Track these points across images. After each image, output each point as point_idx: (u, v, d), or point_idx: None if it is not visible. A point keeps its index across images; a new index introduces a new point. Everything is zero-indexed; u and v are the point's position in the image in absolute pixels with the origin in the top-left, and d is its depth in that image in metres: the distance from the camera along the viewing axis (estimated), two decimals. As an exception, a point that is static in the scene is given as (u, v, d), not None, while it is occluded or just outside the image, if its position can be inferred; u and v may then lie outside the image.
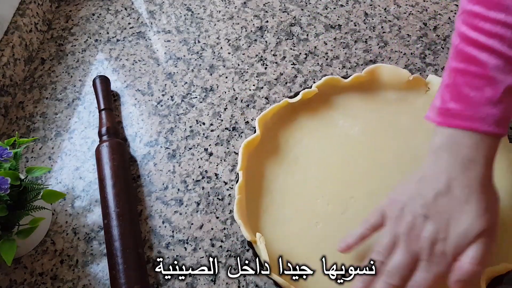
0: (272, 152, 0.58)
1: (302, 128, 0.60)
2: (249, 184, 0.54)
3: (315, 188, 0.55)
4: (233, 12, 0.76)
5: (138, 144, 0.62)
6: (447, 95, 0.45)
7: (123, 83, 0.69)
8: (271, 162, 0.57)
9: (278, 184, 0.56)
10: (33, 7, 0.74)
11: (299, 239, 0.52)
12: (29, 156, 0.63)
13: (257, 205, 0.54)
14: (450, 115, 0.44)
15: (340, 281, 0.49)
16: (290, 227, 0.53)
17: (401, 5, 0.73)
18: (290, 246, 0.51)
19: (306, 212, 0.53)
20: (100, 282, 0.51)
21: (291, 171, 0.57)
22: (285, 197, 0.55)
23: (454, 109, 0.44)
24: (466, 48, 0.44)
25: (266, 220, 0.54)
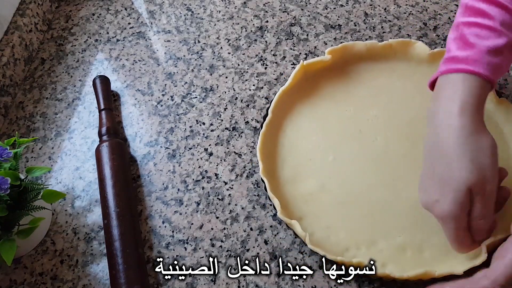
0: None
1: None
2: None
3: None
4: (233, 12, 0.76)
5: (138, 144, 0.62)
6: (454, 46, 0.47)
7: (123, 83, 0.69)
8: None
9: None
10: (33, 7, 0.74)
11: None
12: (29, 156, 0.63)
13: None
14: (456, 61, 0.46)
15: (340, 281, 0.49)
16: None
17: (401, 5, 0.73)
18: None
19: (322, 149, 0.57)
20: (100, 282, 0.51)
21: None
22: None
23: (460, 55, 0.46)
24: (476, 4, 0.47)
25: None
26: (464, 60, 0.45)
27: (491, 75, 0.45)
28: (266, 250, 0.52)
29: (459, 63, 0.45)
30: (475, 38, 0.46)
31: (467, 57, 0.45)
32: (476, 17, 0.46)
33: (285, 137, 0.59)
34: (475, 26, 0.46)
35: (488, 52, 0.45)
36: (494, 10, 0.45)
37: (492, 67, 0.45)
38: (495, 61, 0.45)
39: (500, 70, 0.46)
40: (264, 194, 0.56)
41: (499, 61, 0.45)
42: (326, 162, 0.56)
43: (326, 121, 0.60)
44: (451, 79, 0.46)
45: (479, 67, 0.44)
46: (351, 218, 0.52)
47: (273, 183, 0.54)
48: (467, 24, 0.47)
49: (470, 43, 0.46)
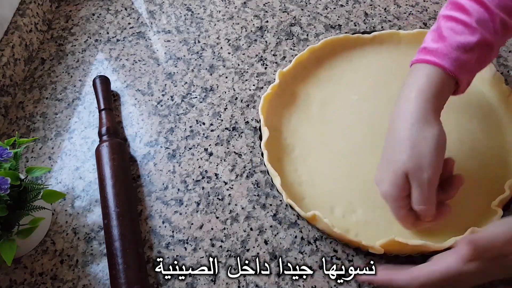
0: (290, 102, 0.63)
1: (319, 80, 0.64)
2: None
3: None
4: (233, 12, 0.76)
5: (138, 144, 0.62)
6: (429, 37, 0.48)
7: (123, 83, 0.69)
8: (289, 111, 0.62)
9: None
10: (33, 7, 0.74)
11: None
12: (29, 156, 0.63)
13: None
14: (426, 52, 0.47)
15: (340, 281, 0.49)
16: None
17: (401, 5, 0.73)
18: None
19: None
20: (100, 282, 0.51)
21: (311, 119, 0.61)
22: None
23: (431, 47, 0.47)
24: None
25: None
26: (433, 52, 0.46)
27: (456, 70, 0.45)
28: (266, 250, 0.52)
29: (427, 55, 0.46)
30: (449, 32, 0.46)
31: (436, 49, 0.46)
32: (455, 11, 0.47)
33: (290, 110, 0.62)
34: (452, 20, 0.47)
35: (457, 47, 0.45)
36: (473, 7, 0.46)
37: (460, 63, 0.45)
38: (464, 58, 0.45)
39: (468, 68, 0.46)
40: (264, 194, 0.56)
41: (468, 58, 0.45)
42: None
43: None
44: (418, 69, 0.47)
45: (445, 61, 0.45)
46: (335, 181, 0.55)
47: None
48: (446, 17, 0.48)
49: (443, 36, 0.46)
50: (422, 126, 0.43)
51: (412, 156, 0.43)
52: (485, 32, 0.45)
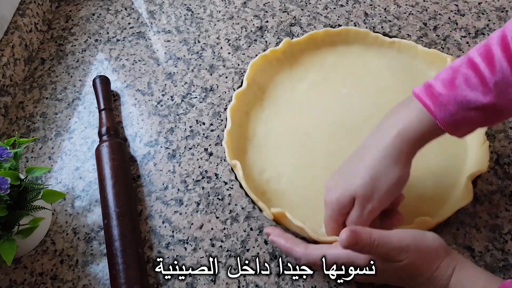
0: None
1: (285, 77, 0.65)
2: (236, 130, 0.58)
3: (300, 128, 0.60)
4: (233, 12, 0.76)
5: (138, 144, 0.62)
6: (443, 74, 0.44)
7: (123, 83, 0.69)
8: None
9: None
10: (33, 7, 0.74)
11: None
12: (29, 156, 0.63)
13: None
14: (429, 92, 0.44)
15: (340, 281, 0.49)
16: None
17: (401, 5, 0.73)
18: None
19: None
20: (100, 282, 0.51)
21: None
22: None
23: (436, 90, 0.43)
24: (494, 46, 0.41)
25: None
26: (434, 97, 0.43)
27: (449, 125, 0.42)
28: (266, 250, 0.52)
29: (428, 96, 0.43)
30: (461, 82, 0.42)
31: (438, 95, 0.42)
32: (482, 60, 0.41)
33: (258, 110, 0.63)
34: (472, 69, 0.41)
35: (461, 102, 0.41)
36: (502, 64, 0.40)
37: (456, 119, 0.42)
38: (464, 115, 0.42)
39: (466, 125, 0.43)
40: (264, 194, 0.56)
41: (469, 116, 0.42)
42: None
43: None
44: (413, 103, 0.44)
45: (440, 113, 0.42)
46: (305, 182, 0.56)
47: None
48: (469, 62, 0.42)
49: (455, 84, 0.42)
50: (390, 164, 0.44)
51: (367, 186, 0.44)
52: (499, 97, 0.40)
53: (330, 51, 0.66)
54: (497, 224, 0.51)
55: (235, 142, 0.58)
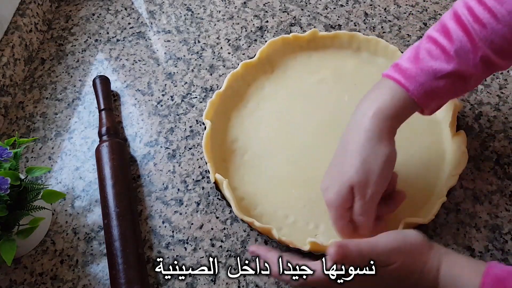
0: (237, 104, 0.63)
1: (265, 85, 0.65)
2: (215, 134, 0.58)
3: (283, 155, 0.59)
4: (233, 12, 0.76)
5: (138, 144, 0.62)
6: (407, 54, 0.47)
7: (123, 83, 0.69)
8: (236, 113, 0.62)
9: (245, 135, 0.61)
10: (33, 7, 0.74)
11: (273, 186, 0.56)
12: (29, 156, 0.63)
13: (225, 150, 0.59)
14: (397, 69, 0.46)
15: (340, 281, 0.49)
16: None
17: (401, 5, 0.73)
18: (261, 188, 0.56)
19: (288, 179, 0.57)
20: (100, 282, 0.51)
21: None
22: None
23: (403, 66, 0.46)
24: (448, 21, 0.45)
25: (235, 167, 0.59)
26: (403, 72, 0.45)
27: (421, 95, 0.44)
28: (266, 250, 0.52)
29: (397, 73, 0.45)
30: (425, 54, 0.45)
31: (406, 69, 0.45)
32: (439, 34, 0.45)
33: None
34: (432, 43, 0.45)
35: (428, 72, 0.44)
36: (457, 34, 0.44)
37: (426, 89, 0.44)
38: (432, 84, 0.44)
39: (436, 94, 0.45)
40: (264, 194, 0.56)
41: (437, 85, 0.44)
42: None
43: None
44: (383, 84, 0.46)
45: (411, 84, 0.44)
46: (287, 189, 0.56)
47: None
48: (428, 38, 0.46)
49: (418, 57, 0.45)
50: (375, 144, 0.44)
51: (360, 171, 0.44)
52: (462, 64, 0.44)
53: (354, 56, 0.65)
54: (497, 224, 0.51)
55: (222, 104, 0.60)
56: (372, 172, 0.44)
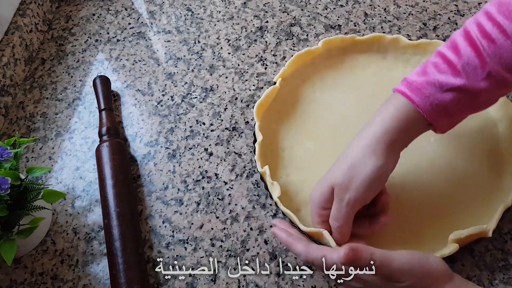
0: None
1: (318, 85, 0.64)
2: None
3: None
4: (233, 12, 0.76)
5: (138, 144, 0.62)
6: (416, 69, 0.47)
7: (123, 83, 0.69)
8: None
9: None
10: (33, 7, 0.74)
11: None
12: (30, 156, 0.63)
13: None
14: (405, 83, 0.46)
15: (340, 280, 0.49)
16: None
17: (401, 5, 0.73)
18: None
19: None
20: (100, 282, 0.52)
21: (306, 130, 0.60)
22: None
23: (410, 79, 0.46)
24: (458, 38, 0.45)
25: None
26: (409, 85, 0.45)
27: (427, 108, 0.44)
28: (266, 250, 0.52)
29: (403, 85, 0.46)
30: (432, 68, 0.45)
31: (413, 82, 0.45)
32: (447, 49, 0.45)
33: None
34: (440, 57, 0.45)
35: (434, 85, 0.44)
36: (466, 50, 0.43)
37: (432, 102, 0.44)
38: (439, 97, 0.44)
39: (444, 111, 0.44)
40: (264, 194, 0.56)
41: (444, 99, 0.44)
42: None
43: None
44: (393, 98, 0.46)
45: (416, 96, 0.44)
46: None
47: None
48: (437, 53, 0.46)
49: (426, 71, 0.45)
50: (367, 154, 0.44)
51: (344, 175, 0.44)
52: (469, 79, 0.43)
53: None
54: (497, 224, 0.51)
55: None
56: (355, 178, 0.44)
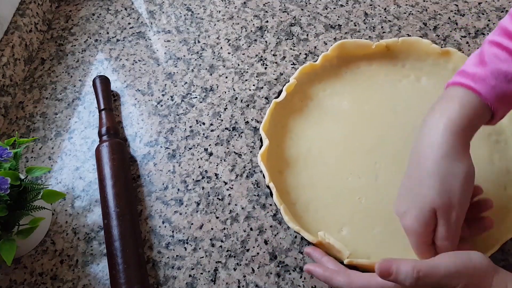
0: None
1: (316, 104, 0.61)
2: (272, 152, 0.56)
3: (341, 164, 0.56)
4: (233, 12, 0.76)
5: (138, 144, 0.62)
6: (469, 61, 0.45)
7: (123, 83, 0.69)
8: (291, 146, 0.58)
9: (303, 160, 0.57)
10: (33, 7, 0.74)
11: (347, 216, 0.52)
12: (29, 156, 0.63)
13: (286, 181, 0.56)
14: (464, 75, 0.43)
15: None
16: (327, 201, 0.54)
17: (401, 5, 0.73)
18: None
19: (343, 190, 0.54)
20: (100, 282, 0.51)
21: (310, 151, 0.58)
22: (313, 174, 0.56)
23: (470, 71, 0.43)
24: (509, 25, 0.43)
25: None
26: (471, 76, 0.42)
27: (492, 99, 0.41)
28: (266, 250, 0.52)
29: (464, 78, 0.43)
30: (491, 58, 0.42)
31: (474, 73, 0.42)
32: (502, 38, 0.43)
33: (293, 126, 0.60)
34: (497, 46, 0.43)
35: (498, 74, 0.41)
36: None
37: (498, 92, 0.41)
38: (504, 87, 0.41)
39: (507, 99, 0.42)
40: (264, 194, 0.56)
41: (509, 89, 0.41)
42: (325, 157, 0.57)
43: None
44: (452, 92, 0.43)
45: (482, 87, 0.41)
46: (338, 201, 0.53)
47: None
48: (491, 43, 0.44)
49: (485, 61, 0.43)
50: (451, 161, 0.40)
51: (441, 193, 0.40)
52: None
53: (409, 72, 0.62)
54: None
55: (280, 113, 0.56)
56: (453, 192, 0.40)
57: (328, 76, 0.62)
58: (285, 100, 0.59)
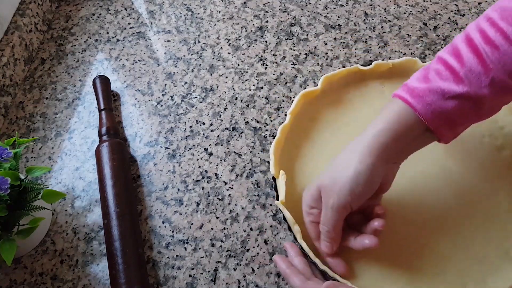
0: (329, 109, 0.60)
1: (361, 97, 0.61)
2: (294, 130, 0.57)
3: None
4: (233, 12, 0.76)
5: (138, 144, 0.62)
6: (416, 74, 0.46)
7: (123, 83, 0.69)
8: (324, 117, 0.59)
9: (325, 139, 0.58)
10: (33, 7, 0.74)
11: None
12: (29, 156, 0.63)
13: (295, 152, 0.57)
14: (405, 89, 0.45)
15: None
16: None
17: (401, 5, 0.73)
18: None
19: None
20: (100, 282, 0.51)
21: (340, 132, 0.58)
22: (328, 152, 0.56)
23: (412, 86, 0.45)
24: (460, 44, 0.44)
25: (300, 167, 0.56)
26: (410, 91, 0.44)
27: (429, 115, 0.43)
28: (266, 250, 0.52)
29: (404, 91, 0.44)
30: (434, 75, 0.44)
31: (414, 88, 0.44)
32: (449, 56, 0.44)
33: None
34: (442, 64, 0.44)
35: (436, 92, 0.42)
36: (468, 56, 0.42)
37: (434, 109, 0.42)
38: (441, 105, 0.42)
39: (447, 119, 0.43)
40: (264, 194, 0.56)
41: (447, 107, 0.42)
42: None
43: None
44: (393, 104, 0.45)
45: (418, 103, 0.43)
46: None
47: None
48: (438, 59, 0.45)
49: (428, 78, 0.44)
50: (352, 157, 0.44)
51: (329, 178, 0.45)
52: (472, 86, 0.42)
53: None
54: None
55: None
56: (338, 182, 0.44)
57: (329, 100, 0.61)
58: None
